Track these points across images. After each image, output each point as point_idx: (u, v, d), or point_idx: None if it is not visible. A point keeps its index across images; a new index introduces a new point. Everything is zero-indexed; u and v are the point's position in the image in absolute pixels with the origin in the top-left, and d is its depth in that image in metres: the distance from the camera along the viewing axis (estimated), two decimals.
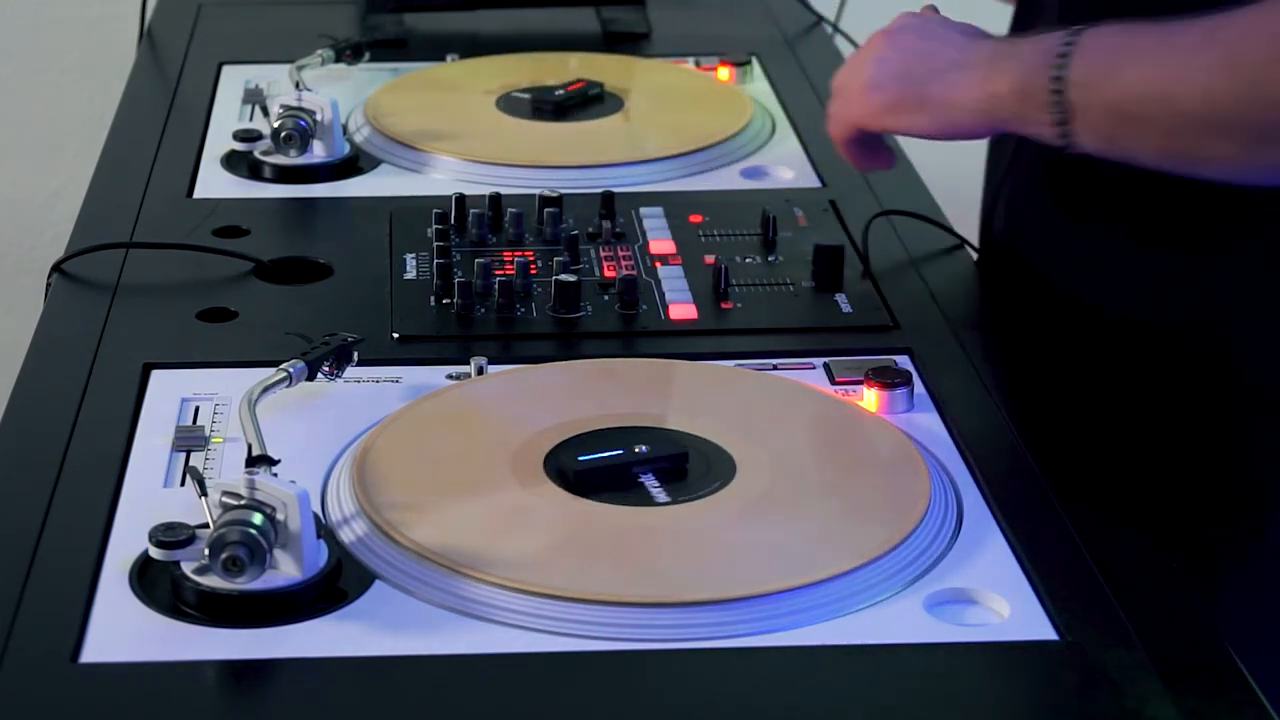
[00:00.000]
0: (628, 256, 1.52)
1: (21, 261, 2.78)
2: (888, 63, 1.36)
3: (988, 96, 1.30)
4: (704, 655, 1.06)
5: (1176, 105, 1.21)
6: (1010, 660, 1.06)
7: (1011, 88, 1.28)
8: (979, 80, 1.31)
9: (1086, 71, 1.24)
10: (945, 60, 1.34)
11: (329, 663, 1.05)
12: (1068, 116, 1.25)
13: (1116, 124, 1.25)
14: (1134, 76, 1.23)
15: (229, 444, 1.25)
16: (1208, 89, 1.19)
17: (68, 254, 1.51)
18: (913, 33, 1.37)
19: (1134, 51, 1.23)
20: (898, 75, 1.35)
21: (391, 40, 2.04)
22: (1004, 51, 1.31)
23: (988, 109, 1.31)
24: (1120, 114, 1.24)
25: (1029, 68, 1.27)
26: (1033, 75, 1.27)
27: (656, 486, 1.19)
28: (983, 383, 1.35)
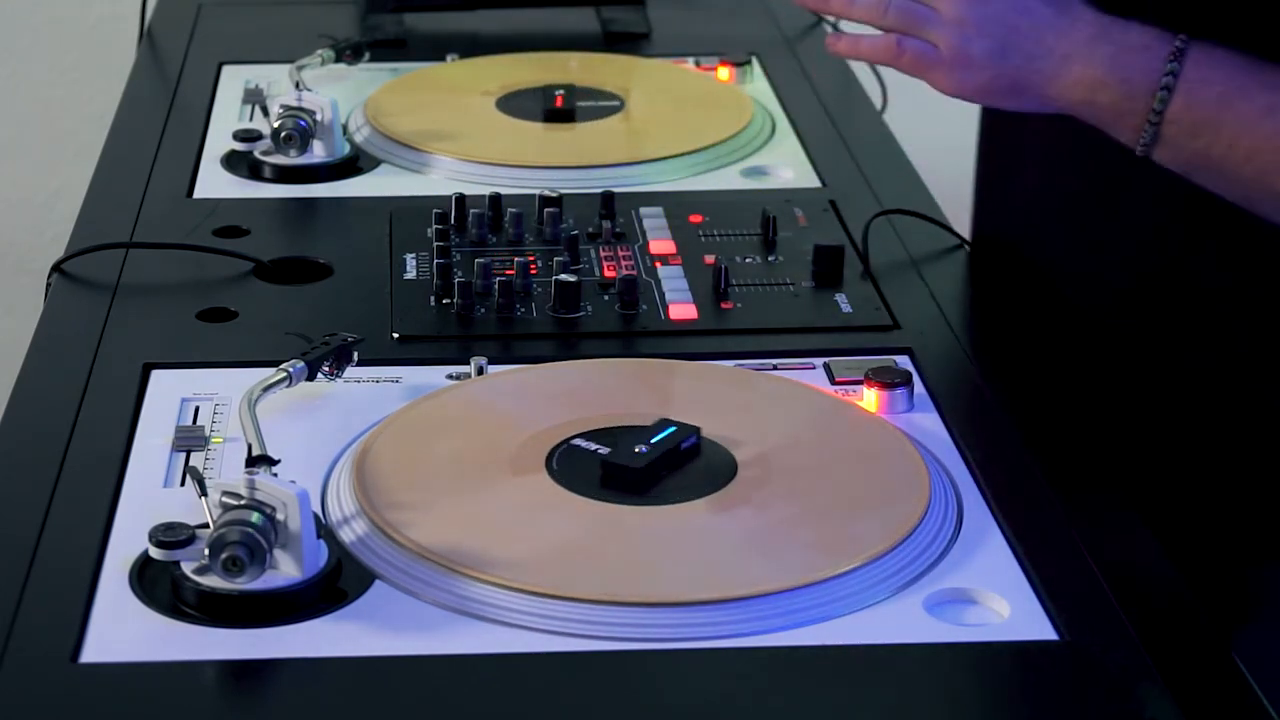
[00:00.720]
0: (628, 256, 1.52)
1: (21, 261, 2.78)
2: (984, 37, 1.30)
3: (1084, 101, 1.29)
4: (704, 655, 1.06)
5: (1268, 183, 1.24)
6: (1010, 660, 1.06)
7: (1111, 102, 1.28)
8: (1079, 83, 1.29)
9: (1188, 115, 1.25)
10: (1042, 45, 1.30)
11: (329, 663, 1.05)
12: (1156, 140, 1.27)
13: (1202, 170, 1.27)
14: (1233, 141, 1.24)
15: (229, 444, 1.25)
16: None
17: (68, 254, 1.51)
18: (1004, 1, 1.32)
19: (1239, 115, 1.24)
20: (994, 54, 1.30)
21: (391, 40, 2.04)
22: (1104, 55, 1.28)
23: (1079, 110, 1.30)
24: (1209, 165, 1.26)
25: (1132, 88, 1.27)
26: (1134, 98, 1.27)
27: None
28: (983, 383, 1.35)
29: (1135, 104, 1.27)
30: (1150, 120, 1.26)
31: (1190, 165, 1.28)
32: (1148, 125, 1.27)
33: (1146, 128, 1.27)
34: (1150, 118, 1.26)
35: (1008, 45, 1.30)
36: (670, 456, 1.20)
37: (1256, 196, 1.26)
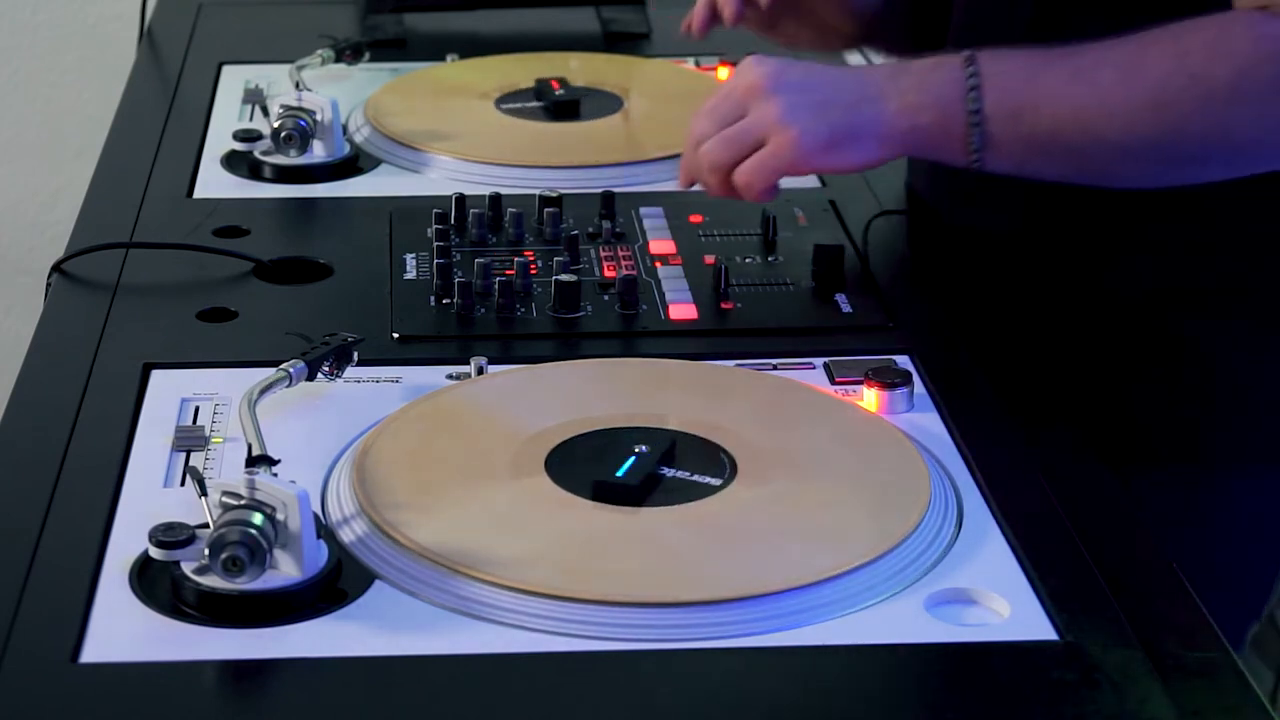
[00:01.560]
0: (628, 256, 1.52)
1: (21, 261, 2.78)
2: (802, 110, 1.34)
3: (911, 128, 1.33)
4: (704, 655, 1.06)
5: (1099, 136, 1.27)
6: (1010, 660, 1.06)
7: (932, 119, 1.32)
8: (900, 112, 1.33)
9: (1003, 106, 1.29)
10: (854, 92, 1.34)
11: (329, 663, 1.05)
12: (984, 145, 1.30)
13: (1033, 153, 1.30)
14: (1055, 112, 1.28)
15: (229, 444, 1.25)
16: (1131, 123, 1.26)
17: (68, 254, 1.51)
18: (793, 69, 1.36)
19: (1050, 88, 1.29)
20: (817, 112, 1.34)
21: (391, 40, 2.04)
22: (906, 84, 1.33)
23: (909, 140, 1.34)
24: (1039, 145, 1.30)
25: (946, 101, 1.31)
26: (951, 108, 1.31)
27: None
28: (983, 382, 1.34)
29: (953, 113, 1.31)
30: (972, 123, 1.30)
31: (1022, 158, 1.31)
32: (972, 129, 1.30)
33: (972, 132, 1.30)
34: (971, 120, 1.30)
35: (824, 103, 1.34)
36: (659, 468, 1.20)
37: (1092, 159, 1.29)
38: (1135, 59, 1.27)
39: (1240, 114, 1.25)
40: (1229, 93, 1.24)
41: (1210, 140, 1.26)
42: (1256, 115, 1.24)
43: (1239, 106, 1.24)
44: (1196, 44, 1.25)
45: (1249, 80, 1.24)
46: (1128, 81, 1.27)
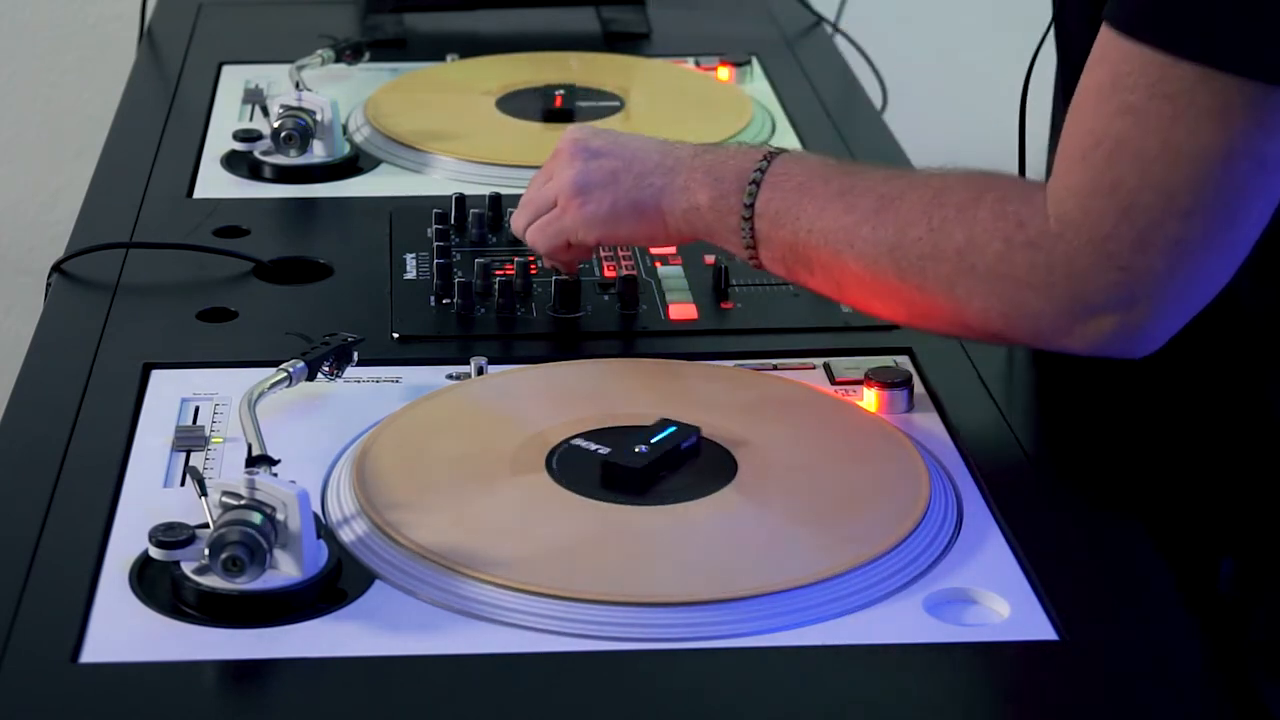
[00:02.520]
0: (628, 256, 1.52)
1: (21, 261, 2.78)
2: (594, 176, 1.36)
3: (690, 207, 1.32)
4: (704, 655, 1.06)
5: (843, 263, 1.25)
6: (1010, 660, 1.06)
7: (710, 203, 1.31)
8: (683, 188, 1.32)
9: (773, 204, 1.28)
10: (648, 164, 1.35)
11: (329, 663, 1.05)
12: (754, 242, 1.29)
13: (794, 261, 1.28)
14: (810, 224, 1.26)
15: (229, 444, 1.25)
16: (872, 260, 1.23)
17: (68, 254, 1.51)
18: (601, 138, 1.38)
19: (813, 197, 1.26)
20: (607, 183, 1.35)
21: (391, 40, 2.04)
22: (707, 162, 1.33)
23: (690, 219, 1.33)
24: (797, 255, 1.28)
25: (727, 187, 1.30)
26: (729, 196, 1.30)
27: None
28: (983, 383, 1.35)
29: (729, 202, 1.30)
30: (744, 216, 1.29)
31: (788, 264, 1.29)
32: (743, 222, 1.29)
33: (743, 225, 1.29)
34: (743, 213, 1.29)
35: (614, 173, 1.35)
36: (670, 456, 1.20)
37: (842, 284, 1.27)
38: (897, 195, 1.23)
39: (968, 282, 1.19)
40: (956, 256, 1.19)
41: (936, 298, 1.21)
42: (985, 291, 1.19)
43: (967, 276, 1.19)
44: (954, 199, 1.21)
45: (976, 251, 1.18)
46: (878, 216, 1.23)
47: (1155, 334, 1.17)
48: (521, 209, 1.41)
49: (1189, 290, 1.15)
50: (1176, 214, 1.12)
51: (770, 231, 1.28)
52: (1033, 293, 1.17)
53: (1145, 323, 1.16)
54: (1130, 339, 1.17)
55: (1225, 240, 1.14)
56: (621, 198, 1.35)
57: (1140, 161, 1.12)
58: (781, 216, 1.27)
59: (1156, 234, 1.13)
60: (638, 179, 1.35)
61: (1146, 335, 1.17)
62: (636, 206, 1.34)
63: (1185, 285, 1.15)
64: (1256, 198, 1.12)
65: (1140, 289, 1.14)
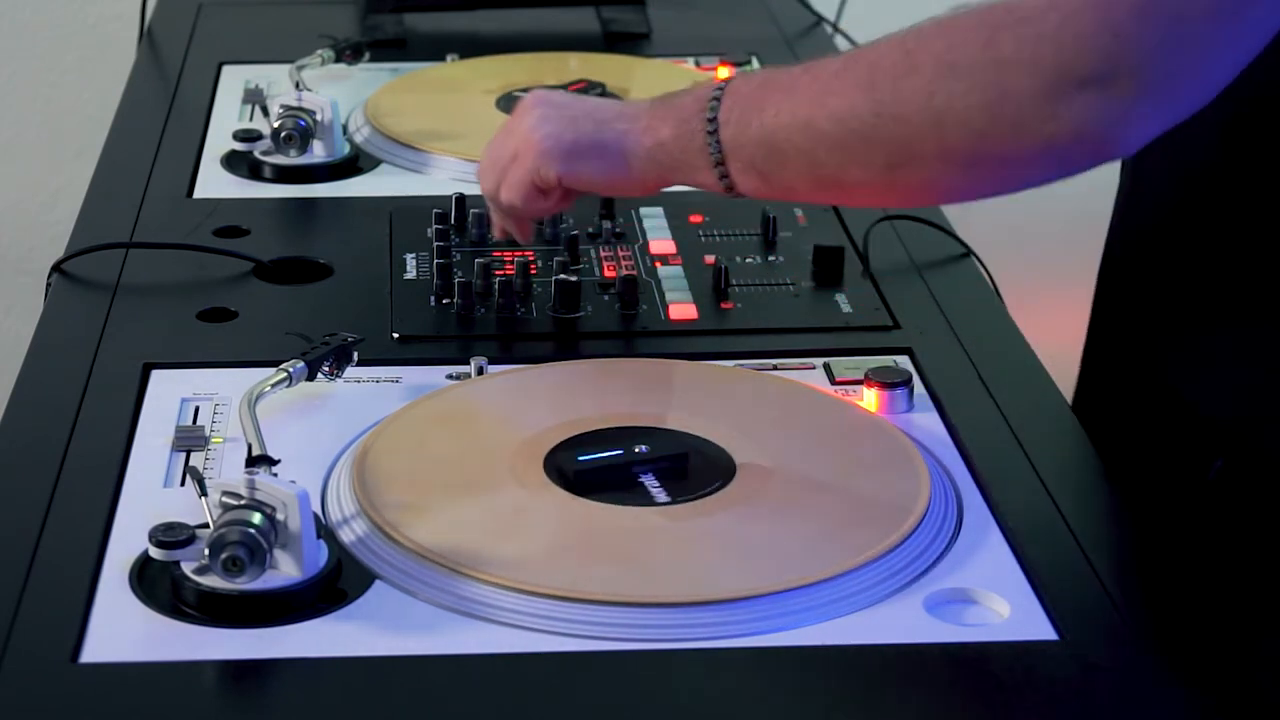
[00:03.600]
0: (628, 256, 1.52)
1: (21, 261, 2.78)
2: (552, 119, 1.36)
3: (655, 144, 1.32)
4: (704, 655, 1.06)
5: (816, 127, 1.22)
6: (1010, 660, 1.06)
7: (674, 133, 1.30)
8: (645, 128, 1.32)
9: (735, 111, 1.27)
10: (610, 112, 1.35)
11: (329, 663, 1.05)
12: (724, 157, 1.27)
13: (766, 158, 1.26)
14: (775, 109, 1.25)
15: (229, 444, 1.25)
16: (845, 107, 1.21)
17: (68, 254, 1.51)
18: (563, 96, 1.39)
19: (778, 85, 1.25)
20: (567, 124, 1.35)
21: (391, 40, 2.04)
22: (665, 102, 1.33)
23: (656, 156, 1.32)
24: (768, 147, 1.25)
25: (688, 114, 1.30)
26: (691, 120, 1.29)
27: (656, 486, 1.19)
28: (983, 383, 1.35)
29: (692, 125, 1.29)
30: (708, 131, 1.27)
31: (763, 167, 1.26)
32: (709, 138, 1.27)
33: (709, 141, 1.28)
34: (708, 129, 1.27)
35: (575, 118, 1.35)
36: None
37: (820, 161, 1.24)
38: (866, 48, 1.23)
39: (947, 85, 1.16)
40: (934, 63, 1.17)
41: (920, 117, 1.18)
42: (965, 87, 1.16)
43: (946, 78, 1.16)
44: (932, 22, 1.20)
45: (957, 49, 1.16)
46: (847, 68, 1.22)
47: (1137, 121, 1.14)
48: (487, 170, 1.40)
49: (1179, 78, 1.13)
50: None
51: (737, 136, 1.27)
52: (1018, 69, 1.14)
53: (1129, 103, 1.12)
54: (1113, 123, 1.13)
55: (1225, 33, 1.11)
56: (583, 136, 1.34)
57: None
58: (747, 115, 1.26)
59: (1160, 5, 1.11)
60: (599, 124, 1.34)
61: (1129, 121, 1.14)
62: (598, 145, 1.34)
63: (1176, 70, 1.12)
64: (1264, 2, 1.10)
65: (1131, 59, 1.12)
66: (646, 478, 1.19)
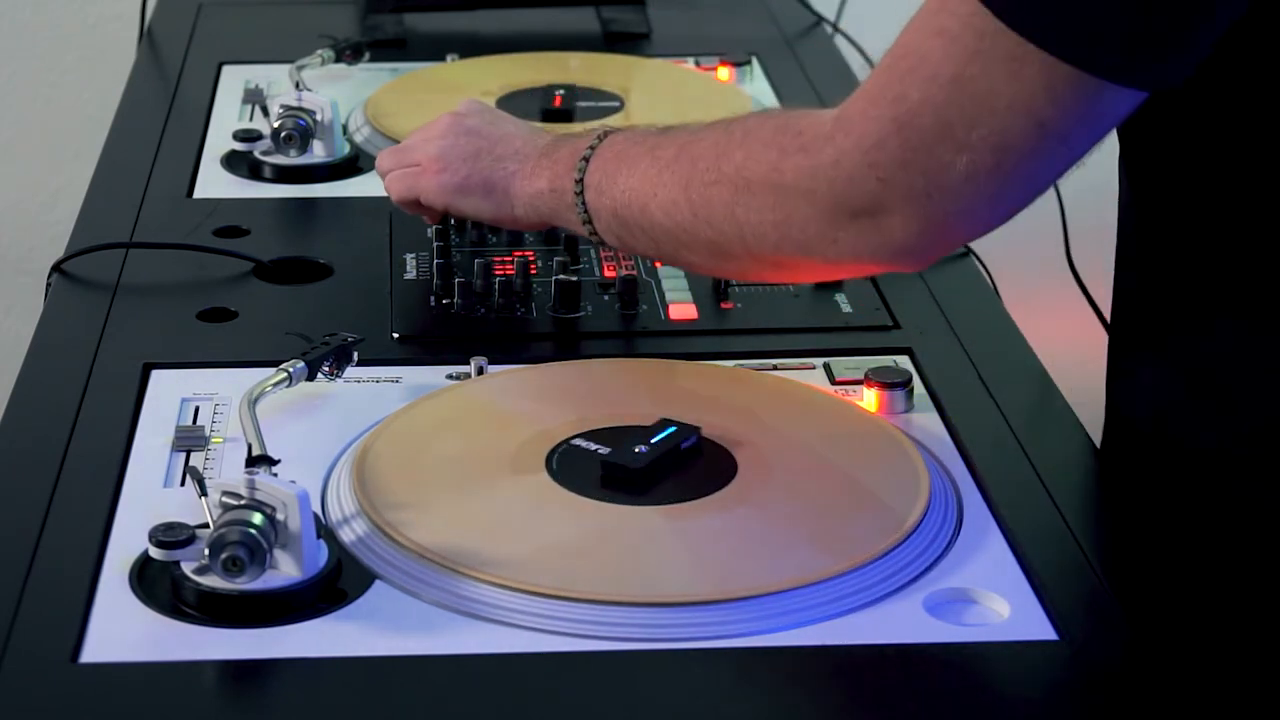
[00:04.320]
0: (628, 256, 1.52)
1: (21, 261, 2.78)
2: (458, 146, 1.42)
3: (535, 193, 1.37)
4: (704, 655, 1.06)
5: (650, 215, 1.28)
6: (1010, 660, 1.06)
7: (549, 186, 1.35)
8: (529, 175, 1.37)
9: (596, 176, 1.32)
10: (509, 149, 1.40)
11: (329, 663, 1.05)
12: (589, 216, 1.32)
13: (619, 227, 1.31)
14: (624, 184, 1.29)
15: (229, 444, 1.25)
16: (671, 203, 1.26)
17: (68, 254, 1.51)
18: (480, 117, 1.44)
19: (628, 160, 1.30)
20: (467, 158, 1.41)
21: (391, 40, 2.04)
22: (554, 148, 1.37)
23: (535, 204, 1.37)
24: (618, 220, 1.31)
25: (561, 169, 1.34)
26: (563, 176, 1.34)
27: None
28: (983, 383, 1.35)
29: (564, 182, 1.34)
30: (576, 191, 1.32)
31: (618, 233, 1.32)
32: (576, 198, 1.32)
33: (577, 201, 1.32)
34: (575, 189, 1.32)
35: (475, 154, 1.41)
36: (670, 456, 1.20)
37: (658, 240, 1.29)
38: (698, 138, 1.26)
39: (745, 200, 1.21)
40: (734, 175, 1.22)
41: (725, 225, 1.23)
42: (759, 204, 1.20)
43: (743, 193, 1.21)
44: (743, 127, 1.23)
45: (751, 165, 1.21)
46: (677, 161, 1.26)
47: (916, 249, 1.18)
48: (393, 152, 1.48)
49: (947, 221, 1.16)
50: (949, 145, 1.13)
51: (596, 201, 1.32)
52: (799, 197, 1.18)
53: (902, 236, 1.16)
54: (891, 252, 1.18)
55: (990, 189, 1.14)
56: (475, 174, 1.40)
57: (932, 84, 1.12)
58: (603, 184, 1.31)
59: (923, 157, 1.14)
60: (495, 161, 1.40)
61: (908, 250, 1.17)
62: (487, 184, 1.40)
63: (943, 214, 1.15)
64: (1032, 159, 1.12)
65: (896, 203, 1.15)
66: None
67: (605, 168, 1.31)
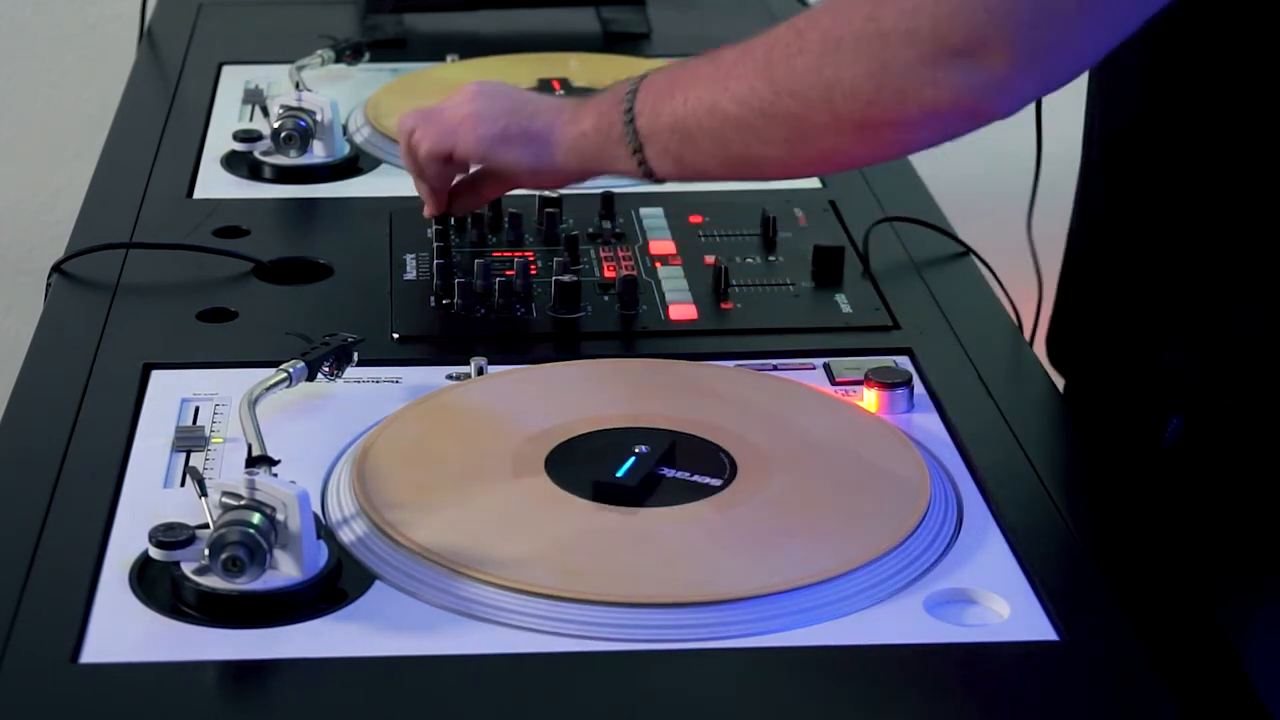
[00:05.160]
0: (628, 257, 1.52)
1: (21, 261, 2.78)
2: (494, 104, 1.44)
3: (578, 135, 1.38)
4: (704, 655, 1.06)
5: (720, 112, 1.28)
6: (1010, 660, 1.06)
7: (594, 125, 1.37)
8: (570, 120, 1.39)
9: (648, 102, 1.33)
10: (544, 105, 1.43)
11: (329, 663, 1.05)
12: (640, 144, 1.33)
13: (680, 143, 1.32)
14: (683, 96, 1.31)
15: (229, 444, 1.25)
16: (745, 89, 1.27)
17: (68, 254, 1.51)
18: (503, 86, 1.47)
19: (686, 74, 1.32)
20: (504, 113, 1.43)
21: (391, 40, 2.04)
22: (589, 98, 1.40)
23: (578, 146, 1.38)
24: (680, 132, 1.31)
25: (608, 106, 1.36)
26: (610, 112, 1.36)
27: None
28: (983, 383, 1.35)
29: (611, 116, 1.35)
30: (625, 121, 1.34)
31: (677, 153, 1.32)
32: (626, 127, 1.34)
33: (626, 130, 1.34)
34: (625, 118, 1.34)
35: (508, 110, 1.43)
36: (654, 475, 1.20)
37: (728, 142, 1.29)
38: (757, 38, 1.29)
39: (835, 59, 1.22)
40: (821, 39, 1.23)
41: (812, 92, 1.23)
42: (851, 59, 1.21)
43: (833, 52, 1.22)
44: (814, 8, 1.25)
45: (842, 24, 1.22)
46: (746, 52, 1.28)
47: (1014, 88, 1.18)
48: (420, 112, 1.48)
49: (1049, 51, 1.17)
50: None
51: (651, 123, 1.33)
52: (897, 42, 1.19)
53: (1001, 72, 1.17)
54: (987, 91, 1.18)
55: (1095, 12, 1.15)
56: (513, 125, 1.42)
57: None
58: (659, 104, 1.32)
59: None
60: (532, 114, 1.42)
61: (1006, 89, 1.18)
62: (526, 134, 1.41)
63: (1046, 44, 1.16)
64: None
65: (1000, 33, 1.16)
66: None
67: (659, 91, 1.33)
